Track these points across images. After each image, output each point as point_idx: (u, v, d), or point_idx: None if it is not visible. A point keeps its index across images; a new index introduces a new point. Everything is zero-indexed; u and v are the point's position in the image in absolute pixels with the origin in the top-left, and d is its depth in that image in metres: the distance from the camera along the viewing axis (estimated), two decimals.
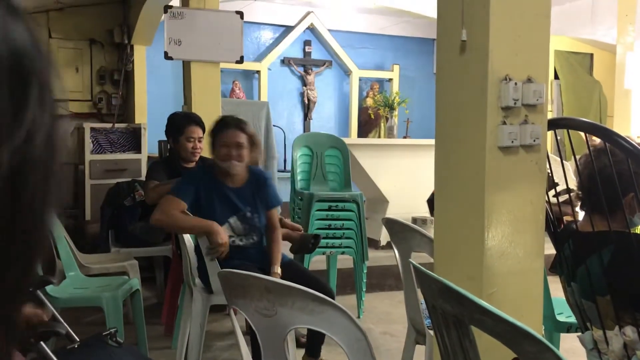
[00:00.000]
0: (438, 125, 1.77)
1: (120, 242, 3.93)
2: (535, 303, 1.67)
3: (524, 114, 1.64)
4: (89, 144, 5.22)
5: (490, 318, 0.96)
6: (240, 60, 4.02)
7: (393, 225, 2.33)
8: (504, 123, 1.61)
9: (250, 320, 1.39)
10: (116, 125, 5.51)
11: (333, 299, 2.81)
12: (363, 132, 7.47)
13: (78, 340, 2.12)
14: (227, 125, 2.82)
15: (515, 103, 1.60)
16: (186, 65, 4.07)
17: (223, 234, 2.69)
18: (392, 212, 5.60)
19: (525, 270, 1.65)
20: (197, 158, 3.56)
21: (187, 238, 2.89)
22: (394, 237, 2.35)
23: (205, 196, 2.78)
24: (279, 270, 2.72)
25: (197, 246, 2.79)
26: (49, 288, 2.77)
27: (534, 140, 1.63)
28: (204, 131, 3.56)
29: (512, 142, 1.60)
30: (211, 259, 2.70)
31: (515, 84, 1.59)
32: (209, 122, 3.76)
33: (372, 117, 7.34)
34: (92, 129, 5.27)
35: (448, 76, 1.72)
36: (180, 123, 3.51)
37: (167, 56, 3.91)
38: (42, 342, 1.60)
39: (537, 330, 1.69)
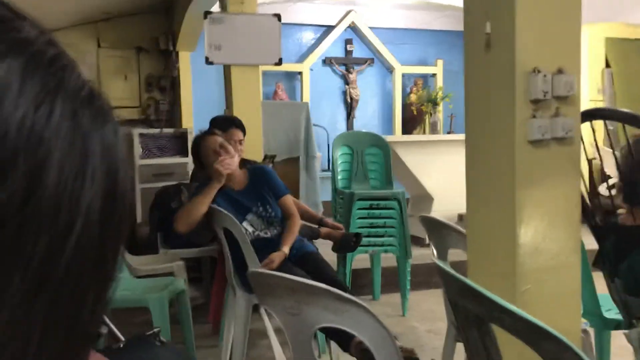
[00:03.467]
0: (467, 121, 1.75)
1: (169, 243, 4.03)
2: (572, 300, 1.63)
3: (555, 107, 1.60)
4: (138, 149, 5.38)
5: (509, 316, 0.95)
6: (279, 62, 4.06)
7: (429, 223, 2.32)
8: (534, 116, 1.57)
9: (279, 319, 1.41)
10: (164, 130, 5.65)
11: (348, 292, 2.85)
12: (407, 129, 7.41)
13: (123, 339, 2.20)
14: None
15: (545, 95, 1.56)
16: (227, 69, 4.15)
17: (218, 163, 2.89)
18: (437, 210, 5.53)
19: (561, 266, 1.61)
20: (238, 161, 3.61)
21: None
22: (431, 235, 2.34)
23: (215, 203, 2.92)
24: (287, 250, 2.83)
25: (235, 246, 2.84)
26: None
27: (567, 133, 1.59)
28: (244, 133, 3.62)
29: (543, 135, 1.56)
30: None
31: (545, 75, 1.56)
32: (249, 124, 3.83)
33: (415, 113, 7.28)
34: (141, 135, 5.43)
35: (475, 71, 1.70)
36: (221, 126, 3.57)
37: (207, 61, 3.99)
38: None
39: (575, 329, 1.65)
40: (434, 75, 7.68)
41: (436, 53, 7.70)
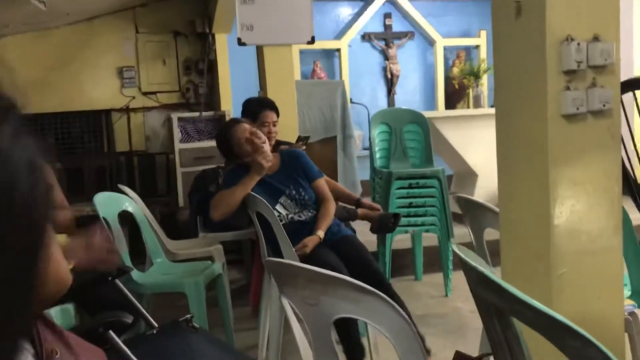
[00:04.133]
0: (497, 95, 1.65)
1: (208, 227, 4.04)
2: (613, 284, 1.52)
3: (591, 77, 1.48)
4: (177, 134, 5.42)
5: (529, 310, 0.88)
6: (312, 41, 3.98)
7: (464, 203, 2.22)
8: (568, 88, 1.46)
9: (297, 309, 1.36)
10: (203, 113, 5.67)
11: (383, 283, 2.79)
12: (450, 103, 7.20)
13: (157, 326, 2.21)
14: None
15: (579, 66, 1.44)
16: (259, 50, 4.10)
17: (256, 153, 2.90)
18: (482, 186, 5.39)
19: (600, 249, 1.50)
20: (273, 142, 3.57)
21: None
22: (466, 215, 2.25)
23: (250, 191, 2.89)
24: (321, 234, 2.80)
25: (270, 230, 2.82)
26: (134, 275, 2.91)
27: (604, 105, 1.47)
28: (278, 115, 3.57)
29: (578, 108, 1.45)
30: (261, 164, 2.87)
31: (578, 44, 1.44)
32: (283, 105, 3.77)
33: (457, 87, 7.06)
34: (180, 119, 5.46)
35: (504, 41, 1.59)
36: (254, 109, 3.53)
37: (240, 42, 3.95)
38: (110, 332, 1.66)
39: (618, 314, 1.54)
40: (477, 46, 7.43)
41: (479, 23, 7.44)
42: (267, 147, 2.95)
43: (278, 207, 2.91)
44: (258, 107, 3.53)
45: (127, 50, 6.09)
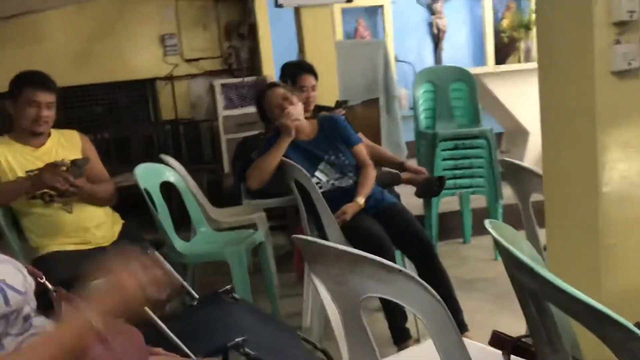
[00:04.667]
0: (540, 51, 1.52)
1: (252, 194, 4.03)
2: None
3: None
4: (220, 100, 5.40)
5: (564, 296, 0.79)
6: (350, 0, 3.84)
7: (507, 167, 2.11)
8: (618, 42, 1.32)
9: (326, 287, 1.32)
10: (246, 79, 5.62)
11: (430, 250, 2.71)
12: (500, 58, 6.90)
13: (197, 297, 2.22)
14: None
15: (631, 16, 1.30)
16: (297, 12, 4.00)
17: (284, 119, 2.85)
18: (534, 144, 5.16)
19: None
20: (311, 107, 3.49)
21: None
22: (510, 180, 2.13)
23: (287, 156, 2.85)
24: (361, 201, 2.73)
25: (308, 198, 2.77)
26: (178, 245, 2.93)
27: None
28: (316, 78, 3.48)
29: (630, 64, 1.32)
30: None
31: None
32: (323, 68, 3.68)
33: (507, 41, 6.75)
34: (223, 85, 5.43)
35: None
36: (292, 73, 3.46)
37: (277, 4, 3.87)
38: (145, 307, 1.66)
39: None
40: None
41: None
42: (293, 109, 2.88)
43: (317, 173, 2.86)
44: (296, 71, 3.45)
45: (168, 17, 6.06)
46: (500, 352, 1.15)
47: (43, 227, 2.54)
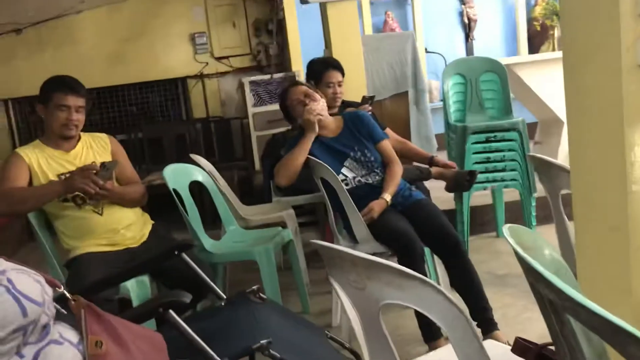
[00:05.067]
0: (564, 43, 1.46)
1: (281, 191, 4.04)
2: None
3: None
4: (250, 98, 5.42)
5: (583, 310, 0.76)
6: None
7: (537, 164, 2.05)
8: None
9: (346, 292, 1.30)
10: (275, 75, 5.63)
11: (458, 246, 2.65)
12: (534, 47, 6.72)
13: (225, 297, 2.23)
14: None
15: None
16: (322, 7, 3.97)
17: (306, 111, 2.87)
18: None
19: None
20: (338, 103, 3.47)
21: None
22: (540, 176, 2.08)
23: (312, 154, 2.84)
24: (388, 198, 2.71)
25: (335, 195, 2.76)
26: (207, 244, 2.95)
27: None
28: (343, 74, 3.46)
29: None
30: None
31: None
32: (350, 63, 3.65)
33: (539, 29, 6.58)
34: (252, 83, 5.45)
35: None
36: (318, 69, 3.44)
37: (302, 0, 3.84)
38: (170, 311, 1.67)
39: None
40: None
41: None
42: (314, 105, 2.87)
43: (344, 170, 2.84)
44: (322, 67, 3.43)
45: (197, 16, 6.11)
46: (521, 358, 1.11)
47: (75, 230, 2.58)
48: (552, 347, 1.06)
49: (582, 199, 1.47)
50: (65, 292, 1.38)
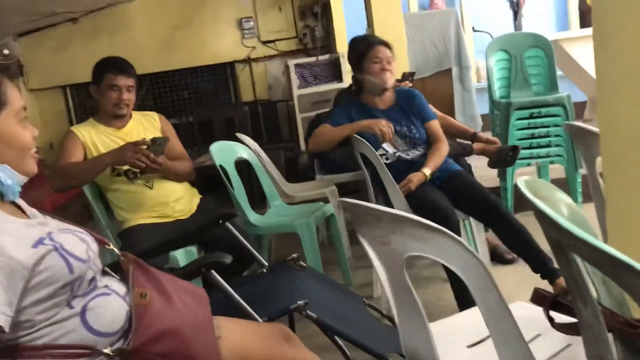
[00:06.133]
0: (595, 4, 1.47)
1: (324, 169, 4.12)
2: None
3: None
4: (295, 80, 5.50)
5: (585, 245, 0.80)
6: None
7: (574, 132, 2.05)
8: None
9: (372, 247, 1.36)
10: (320, 57, 5.69)
11: (499, 207, 2.66)
12: (586, 22, 6.55)
13: (266, 265, 2.33)
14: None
15: None
16: None
17: (377, 121, 2.81)
18: None
19: None
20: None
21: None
22: (578, 144, 2.08)
23: (358, 120, 2.88)
24: (427, 172, 2.75)
25: (376, 171, 2.81)
26: (252, 217, 3.06)
27: None
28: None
29: None
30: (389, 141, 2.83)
31: None
32: (392, 41, 3.63)
33: (589, 3, 6.38)
34: (297, 65, 5.53)
35: None
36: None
37: None
38: (212, 272, 1.77)
39: None
40: None
41: None
42: (387, 131, 2.82)
43: (385, 144, 2.88)
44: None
45: (245, 1, 6.22)
46: (541, 308, 1.15)
47: (127, 203, 2.72)
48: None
49: (612, 164, 1.48)
50: (115, 249, 1.49)
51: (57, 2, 5.12)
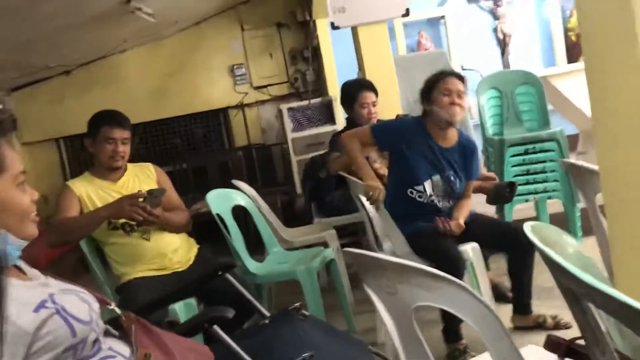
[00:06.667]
0: (585, 47, 1.49)
1: (322, 212, 4.10)
2: None
3: None
4: (289, 124, 5.53)
5: (597, 293, 0.79)
6: (407, 13, 3.86)
7: (572, 170, 2.06)
8: None
9: (379, 298, 1.34)
10: (312, 101, 5.74)
11: (525, 237, 2.62)
12: (573, 57, 6.67)
13: (269, 315, 2.29)
14: (444, 74, 2.80)
15: None
16: (354, 31, 4.06)
17: (377, 187, 2.71)
18: None
19: None
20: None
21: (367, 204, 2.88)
22: (577, 181, 2.08)
23: (412, 147, 2.74)
24: (461, 220, 2.71)
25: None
26: (251, 266, 3.02)
27: None
28: (377, 95, 3.52)
29: None
30: (376, 208, 2.75)
31: None
32: (383, 83, 3.71)
33: (575, 39, 6.52)
34: (290, 109, 5.57)
35: None
36: (352, 91, 3.51)
37: (333, 26, 3.94)
38: (215, 327, 1.74)
39: None
40: None
41: None
42: (461, 117, 2.80)
43: (426, 183, 2.76)
44: (355, 89, 3.50)
45: (236, 48, 6.31)
46: (555, 355, 1.13)
47: (124, 256, 2.69)
48: (582, 342, 1.07)
49: (612, 198, 1.48)
50: (116, 309, 1.46)
51: (50, 55, 5.17)
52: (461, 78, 2.81)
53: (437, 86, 2.75)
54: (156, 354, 1.32)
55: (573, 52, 6.73)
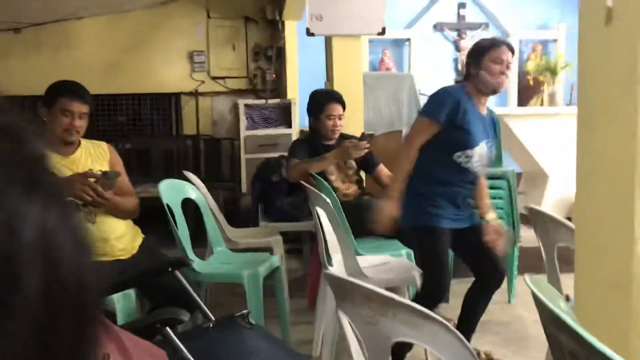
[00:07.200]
0: (580, 107, 1.53)
1: (269, 216, 4.05)
2: None
3: None
4: (243, 120, 5.45)
5: (600, 356, 0.79)
6: (382, 32, 3.88)
7: (536, 216, 2.11)
8: None
9: (355, 326, 1.32)
10: (269, 101, 5.68)
11: (501, 280, 2.70)
12: (523, 99, 6.92)
13: (213, 319, 2.22)
14: (498, 43, 2.72)
15: None
16: (327, 41, 4.04)
17: None
18: (553, 189, 5.16)
19: None
20: (337, 136, 3.52)
21: (323, 213, 2.85)
22: (536, 228, 2.13)
23: (468, 112, 2.66)
24: (493, 216, 2.77)
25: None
26: (196, 262, 2.94)
27: None
28: (344, 108, 3.51)
29: None
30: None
31: None
32: (350, 98, 3.71)
33: (532, 83, 6.77)
34: (246, 106, 5.49)
35: (591, 50, 1.47)
36: (321, 101, 3.49)
37: (308, 32, 3.90)
38: (167, 328, 1.67)
39: None
40: (554, 40, 7.08)
41: (558, 16, 7.08)
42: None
43: (478, 147, 2.69)
44: (324, 100, 3.49)
45: (198, 35, 6.16)
46: None
47: None
48: None
49: (585, 253, 1.51)
50: None
51: (1, 9, 4.87)
52: (512, 50, 2.78)
53: (490, 53, 2.67)
54: (115, 355, 1.24)
55: (524, 95, 6.98)
